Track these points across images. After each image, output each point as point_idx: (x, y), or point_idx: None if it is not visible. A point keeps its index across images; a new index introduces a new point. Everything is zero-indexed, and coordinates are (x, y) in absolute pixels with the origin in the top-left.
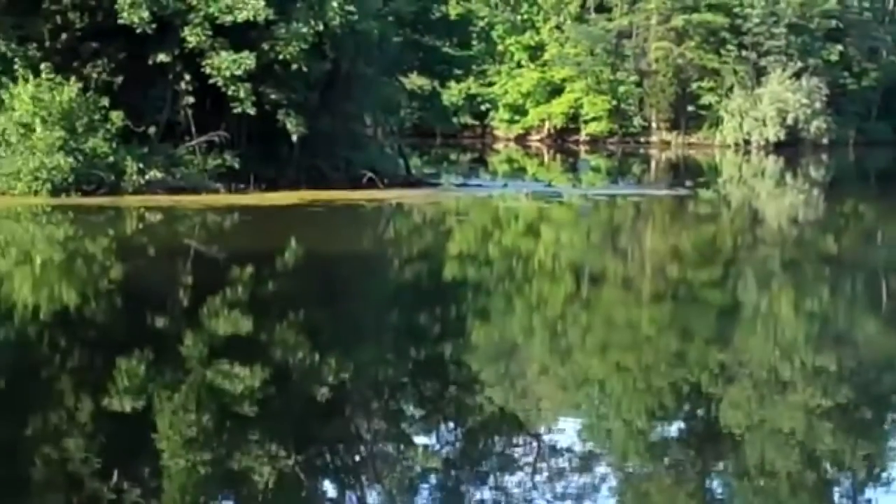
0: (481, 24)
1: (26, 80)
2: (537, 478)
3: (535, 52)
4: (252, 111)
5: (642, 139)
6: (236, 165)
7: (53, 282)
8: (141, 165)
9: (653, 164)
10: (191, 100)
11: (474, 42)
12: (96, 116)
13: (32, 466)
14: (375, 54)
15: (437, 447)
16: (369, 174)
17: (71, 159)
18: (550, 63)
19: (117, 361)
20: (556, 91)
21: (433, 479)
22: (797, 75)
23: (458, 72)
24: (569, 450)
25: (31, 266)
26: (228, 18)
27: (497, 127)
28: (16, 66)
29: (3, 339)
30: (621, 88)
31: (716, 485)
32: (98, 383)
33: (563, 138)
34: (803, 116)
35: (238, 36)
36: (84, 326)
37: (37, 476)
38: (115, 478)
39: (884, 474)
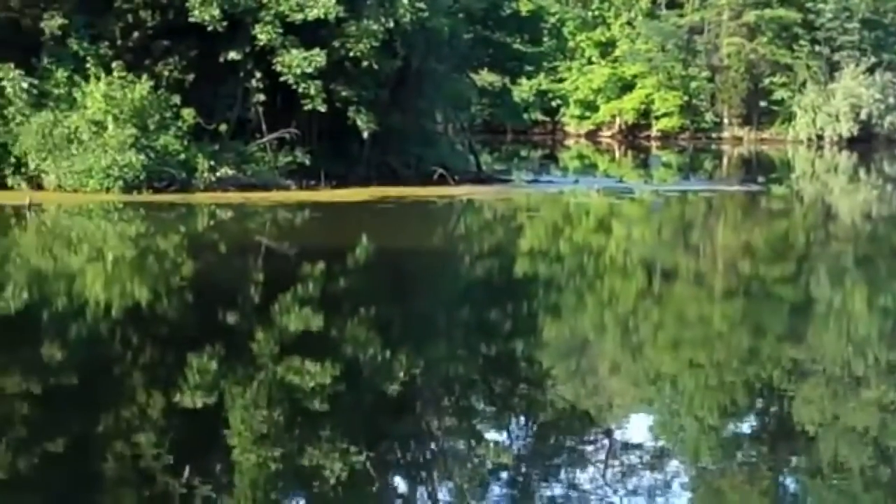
0: (552, 20)
1: (98, 79)
2: (609, 475)
3: (606, 48)
4: (323, 108)
5: (714, 135)
6: (307, 162)
7: (125, 278)
8: (212, 163)
9: (724, 159)
10: (261, 97)
11: (545, 38)
12: (168, 114)
13: (105, 461)
14: (446, 51)
15: (509, 444)
16: (440, 171)
17: (142, 157)
18: (621, 59)
19: (189, 357)
20: (627, 87)
21: (504, 475)
22: (870, 70)
23: (528, 68)
24: (641, 446)
25: (104, 263)
26: (299, 16)
27: (568, 123)
28: (88, 65)
29: (76, 335)
30: (693, 84)
31: (789, 482)
32: (170, 379)
33: (634, 134)
34: (877, 111)
35: (309, 33)
36: (156, 323)
37: (110, 471)
38: (186, 473)
39: None
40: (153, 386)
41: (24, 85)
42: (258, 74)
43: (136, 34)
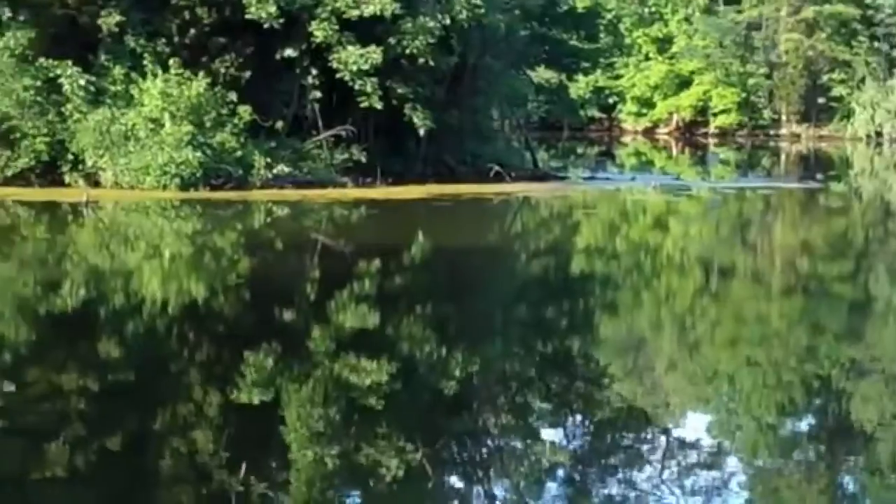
0: (609, 16)
1: (155, 76)
2: (665, 473)
3: (663, 44)
4: (379, 106)
5: (772, 132)
6: (363, 159)
7: (182, 275)
8: (268, 160)
9: (782, 156)
10: (318, 94)
11: (602, 35)
12: (224, 111)
13: (162, 458)
14: (502, 48)
15: (564, 441)
16: (496, 168)
17: (199, 154)
18: (679, 55)
19: (245, 355)
20: (685, 83)
21: (560, 473)
22: None
23: (585, 65)
24: (697, 445)
25: (161, 260)
26: (355, 13)
27: (624, 120)
28: (145, 62)
29: (133, 331)
30: (751, 81)
31: (847, 481)
32: (227, 376)
33: (691, 131)
34: None
35: (365, 30)
36: (212, 320)
37: (167, 468)
38: (242, 470)
39: None
40: (210, 383)
41: (82, 82)
42: (314, 71)
43: (192, 31)
